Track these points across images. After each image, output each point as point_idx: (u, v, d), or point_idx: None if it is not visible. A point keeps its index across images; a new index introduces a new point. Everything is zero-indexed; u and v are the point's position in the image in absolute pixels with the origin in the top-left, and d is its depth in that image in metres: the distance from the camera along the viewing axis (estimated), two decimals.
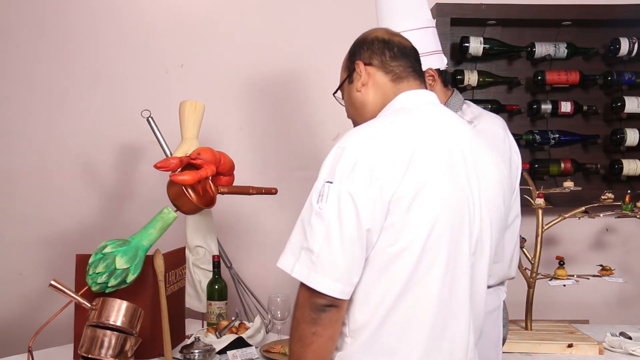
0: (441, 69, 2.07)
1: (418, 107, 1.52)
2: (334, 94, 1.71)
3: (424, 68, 1.99)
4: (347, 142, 1.39)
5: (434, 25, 2.11)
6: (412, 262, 1.35)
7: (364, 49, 1.59)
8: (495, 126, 1.98)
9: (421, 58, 2.02)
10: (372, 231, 1.34)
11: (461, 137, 1.50)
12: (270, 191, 2.46)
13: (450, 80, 2.12)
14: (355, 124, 1.63)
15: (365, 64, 1.58)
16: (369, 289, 1.37)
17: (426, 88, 1.60)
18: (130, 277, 2.01)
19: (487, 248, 1.48)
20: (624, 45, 2.99)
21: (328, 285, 1.32)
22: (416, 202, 1.35)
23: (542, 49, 3.01)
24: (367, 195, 1.33)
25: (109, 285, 1.98)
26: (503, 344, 2.07)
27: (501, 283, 2.07)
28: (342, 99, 1.67)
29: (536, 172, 3.03)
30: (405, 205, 1.34)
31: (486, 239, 1.48)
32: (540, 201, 2.53)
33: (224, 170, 2.40)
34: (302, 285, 1.35)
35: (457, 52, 3.04)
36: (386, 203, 1.34)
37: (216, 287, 2.43)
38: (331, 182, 1.35)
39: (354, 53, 1.61)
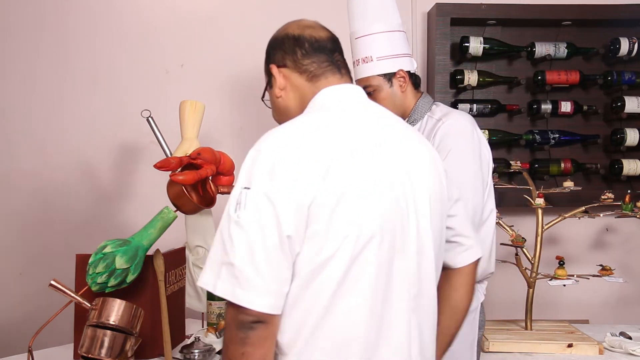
0: (411, 72, 2.12)
1: (339, 104, 1.42)
2: (262, 98, 1.62)
3: (395, 69, 2.08)
4: (263, 144, 1.29)
5: (404, 30, 2.16)
6: (338, 273, 1.25)
7: (276, 50, 1.50)
8: (463, 121, 2.03)
9: (393, 60, 2.03)
10: (293, 238, 1.23)
11: (388, 131, 1.41)
12: None
13: (420, 83, 2.19)
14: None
15: (279, 67, 1.49)
16: (293, 303, 1.26)
17: (350, 79, 1.50)
18: (130, 277, 2.00)
19: (430, 248, 1.39)
20: (624, 45, 2.99)
21: (254, 300, 1.21)
22: (339, 208, 1.25)
23: (542, 49, 3.01)
24: (286, 200, 1.22)
25: (109, 285, 1.98)
26: (478, 345, 2.08)
27: (480, 281, 2.07)
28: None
29: (536, 172, 3.03)
30: (327, 211, 1.24)
31: (426, 238, 1.39)
32: (540, 201, 2.53)
33: (224, 170, 2.40)
34: (229, 303, 1.23)
35: (457, 52, 3.04)
36: (306, 208, 1.23)
37: None
38: (249, 188, 1.24)
39: (268, 55, 1.53)
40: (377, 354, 1.31)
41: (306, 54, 1.47)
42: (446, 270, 1.56)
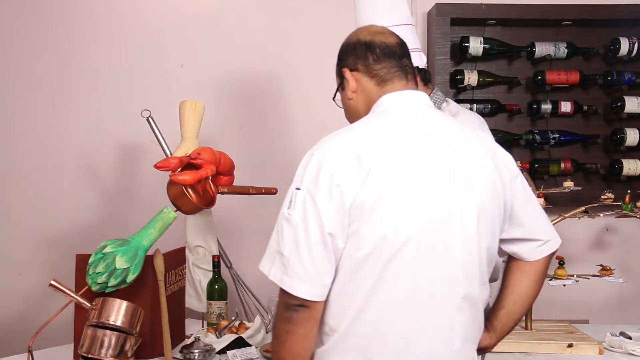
0: (420, 67, 2.07)
1: (399, 109, 1.50)
2: (333, 98, 1.71)
3: None
4: (316, 149, 1.44)
5: (413, 23, 2.12)
6: (376, 270, 1.38)
7: (348, 55, 1.58)
8: (472, 122, 2.00)
9: None
10: (335, 236, 1.38)
11: (443, 138, 1.47)
12: (270, 191, 2.46)
13: (430, 79, 2.14)
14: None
15: (351, 70, 1.57)
16: (339, 292, 1.41)
17: (415, 85, 1.58)
18: (130, 277, 2.00)
19: (475, 253, 1.46)
20: (624, 45, 2.99)
21: (298, 288, 1.38)
22: (377, 211, 1.37)
23: (542, 49, 3.02)
24: (328, 201, 1.37)
25: (109, 285, 1.98)
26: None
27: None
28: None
29: (536, 172, 3.03)
30: (366, 213, 1.37)
31: (473, 243, 1.45)
32: (540, 201, 2.52)
33: (224, 170, 2.40)
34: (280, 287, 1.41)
35: (457, 52, 3.04)
36: (347, 209, 1.37)
37: (216, 287, 2.43)
38: (299, 189, 1.41)
39: (340, 59, 1.61)
40: (418, 347, 1.42)
41: (377, 59, 1.55)
42: (519, 260, 1.65)
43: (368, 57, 1.54)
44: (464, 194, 1.44)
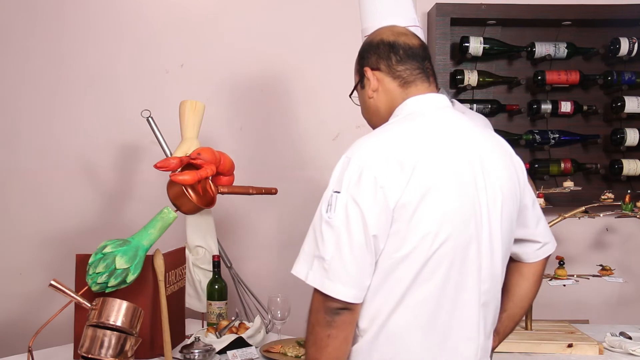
0: None
1: (426, 113, 1.52)
2: (350, 95, 1.71)
3: None
4: (353, 153, 1.43)
5: (419, 25, 2.10)
6: (414, 269, 1.39)
7: (370, 54, 1.58)
8: (478, 123, 1.96)
9: None
10: (379, 237, 1.38)
11: (471, 143, 1.50)
12: (270, 191, 2.46)
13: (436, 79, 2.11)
14: (370, 124, 1.65)
15: (373, 69, 1.57)
16: (374, 292, 1.41)
17: (437, 88, 1.60)
18: (130, 277, 2.01)
19: (498, 248, 1.50)
20: (624, 45, 2.99)
21: (341, 291, 1.37)
22: (420, 210, 1.38)
23: (542, 49, 3.02)
24: (372, 203, 1.37)
25: (109, 285, 1.98)
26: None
27: None
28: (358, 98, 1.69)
29: (536, 172, 3.03)
30: (409, 212, 1.38)
31: (496, 238, 1.49)
32: (540, 201, 2.52)
33: (224, 170, 2.40)
34: (316, 290, 1.40)
35: (457, 52, 3.04)
36: (391, 210, 1.37)
37: (216, 287, 2.43)
38: (339, 192, 1.40)
39: (362, 57, 1.61)
40: (448, 342, 1.44)
41: (400, 60, 1.55)
42: (518, 262, 1.69)
43: (391, 58, 1.55)
44: (491, 194, 1.48)
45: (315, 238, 1.41)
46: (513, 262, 1.68)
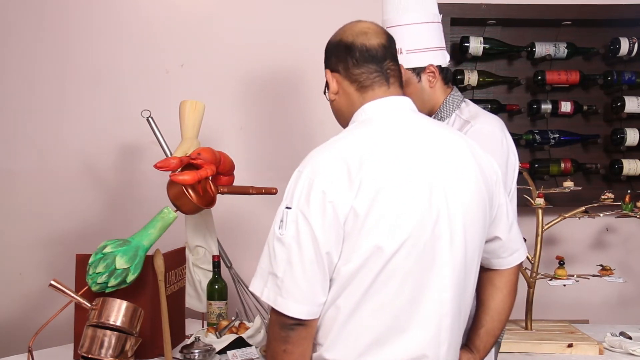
0: (442, 66, 2.01)
1: (380, 119, 1.47)
2: (324, 93, 1.67)
3: (424, 64, 1.97)
4: (305, 166, 1.41)
5: (440, 20, 2.05)
6: (367, 280, 1.36)
7: (331, 55, 1.55)
8: (492, 127, 1.91)
9: (423, 53, 1.95)
10: (332, 254, 1.36)
11: (428, 145, 1.45)
12: (270, 191, 2.46)
13: (451, 78, 2.07)
14: (339, 124, 1.61)
15: (332, 72, 1.54)
16: (330, 303, 1.39)
17: (400, 89, 1.53)
18: (130, 277, 2.01)
19: (461, 257, 1.44)
20: (624, 45, 2.99)
21: (293, 308, 1.36)
22: (369, 218, 1.34)
23: (542, 49, 3.02)
24: (321, 219, 1.34)
25: (109, 285, 1.98)
26: (498, 348, 2.07)
27: None
28: None
29: (536, 172, 3.03)
30: (357, 226, 1.35)
31: (459, 247, 1.43)
32: (540, 201, 2.52)
33: (224, 170, 2.40)
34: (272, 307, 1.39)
35: (457, 52, 3.04)
36: (341, 225, 1.35)
37: (216, 287, 2.43)
38: (290, 208, 1.38)
39: (325, 57, 1.57)
40: (403, 348, 1.40)
41: (356, 63, 1.50)
42: (489, 271, 1.63)
43: (348, 61, 1.50)
44: (451, 199, 1.42)
45: (269, 254, 1.39)
46: (484, 272, 1.61)
